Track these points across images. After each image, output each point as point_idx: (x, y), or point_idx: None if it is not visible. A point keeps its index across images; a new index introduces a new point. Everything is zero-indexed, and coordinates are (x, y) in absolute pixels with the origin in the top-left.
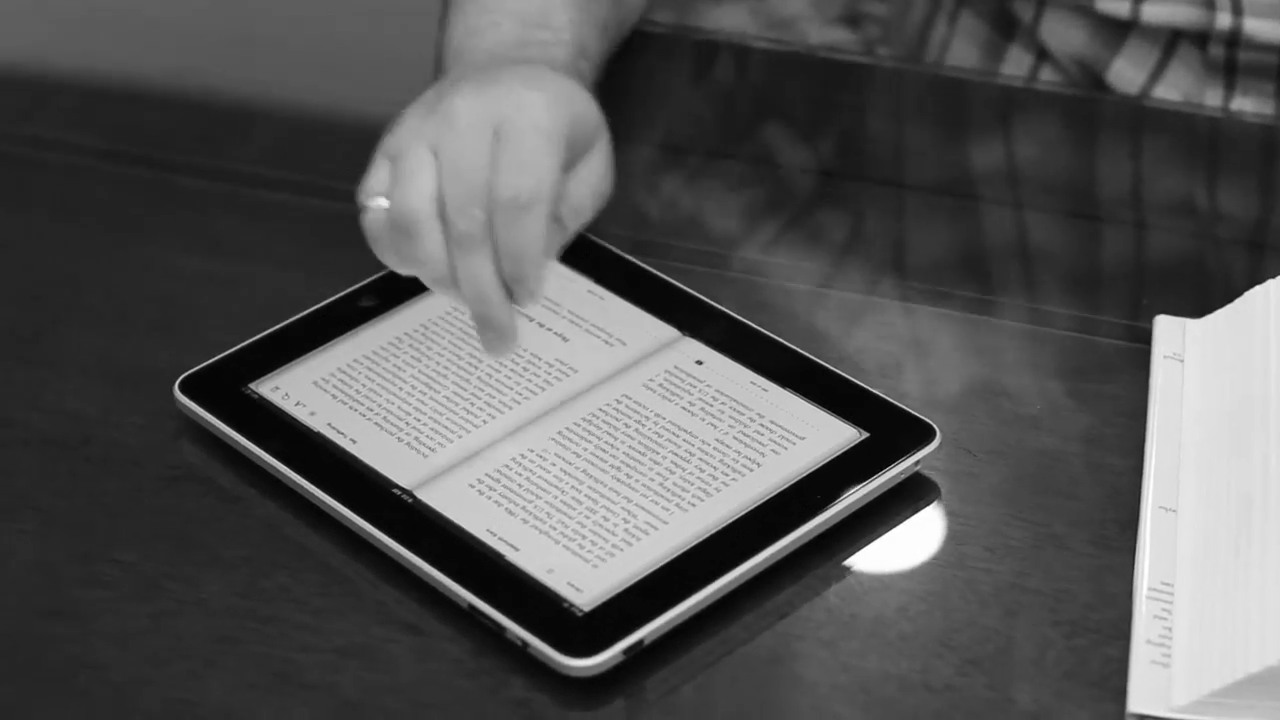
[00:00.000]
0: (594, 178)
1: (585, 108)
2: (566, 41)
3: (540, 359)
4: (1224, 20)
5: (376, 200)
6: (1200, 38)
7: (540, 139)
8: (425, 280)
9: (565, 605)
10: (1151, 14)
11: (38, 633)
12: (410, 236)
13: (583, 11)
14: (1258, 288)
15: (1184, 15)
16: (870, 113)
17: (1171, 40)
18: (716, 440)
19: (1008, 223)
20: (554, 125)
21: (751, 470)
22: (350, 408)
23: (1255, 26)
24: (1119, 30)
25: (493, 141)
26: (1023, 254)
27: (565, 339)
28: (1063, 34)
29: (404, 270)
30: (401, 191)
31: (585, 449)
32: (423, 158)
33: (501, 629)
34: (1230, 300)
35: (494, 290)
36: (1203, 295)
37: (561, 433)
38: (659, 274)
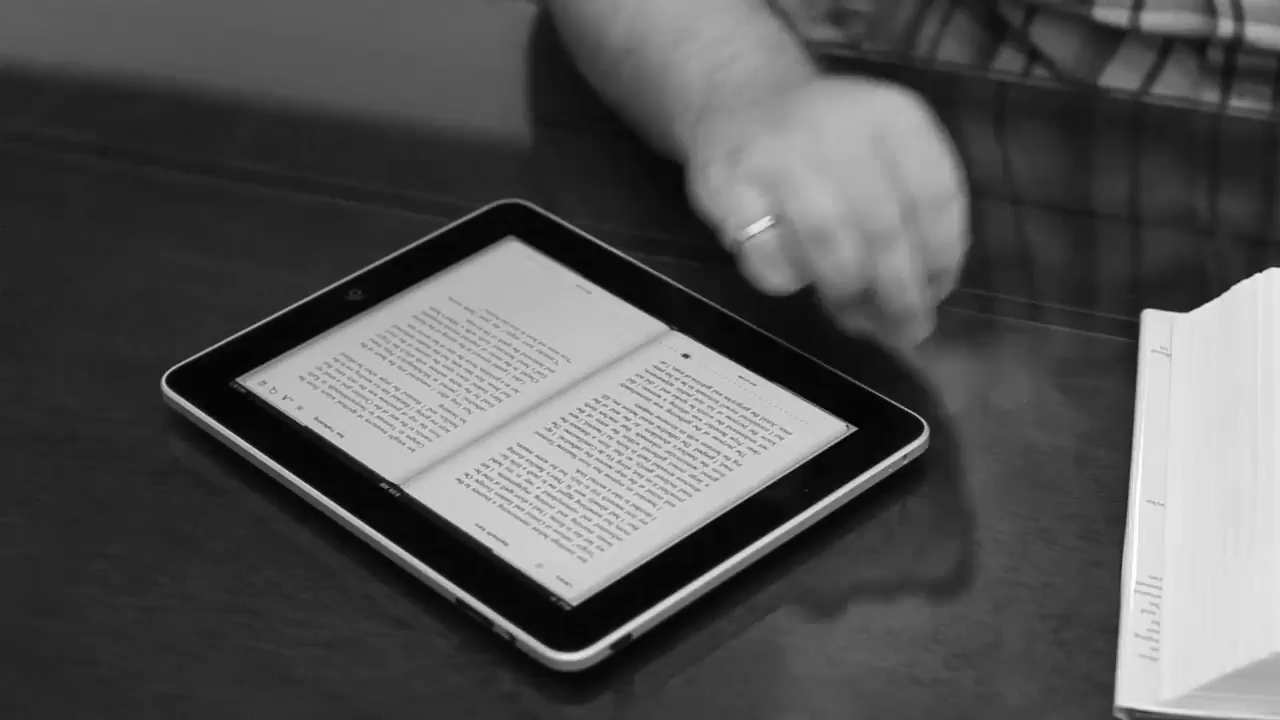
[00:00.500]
0: None
1: None
2: (806, 61)
3: (527, 353)
4: (1226, 27)
5: (759, 224)
6: (1197, 42)
7: (932, 135)
8: (829, 290)
9: (553, 599)
10: (1151, 22)
11: (26, 627)
12: (825, 244)
13: (797, 32)
14: (1245, 281)
15: (1185, 23)
16: None
17: (1167, 45)
18: (704, 434)
19: (998, 218)
20: (929, 121)
21: (739, 464)
22: (338, 402)
23: (1257, 33)
24: (1113, 36)
25: (877, 144)
26: (1013, 249)
27: (552, 333)
28: (1054, 39)
29: (794, 287)
30: (805, 202)
31: (573, 443)
32: (809, 169)
33: (489, 623)
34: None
35: (917, 281)
36: (1193, 291)
37: (549, 427)
38: (646, 268)
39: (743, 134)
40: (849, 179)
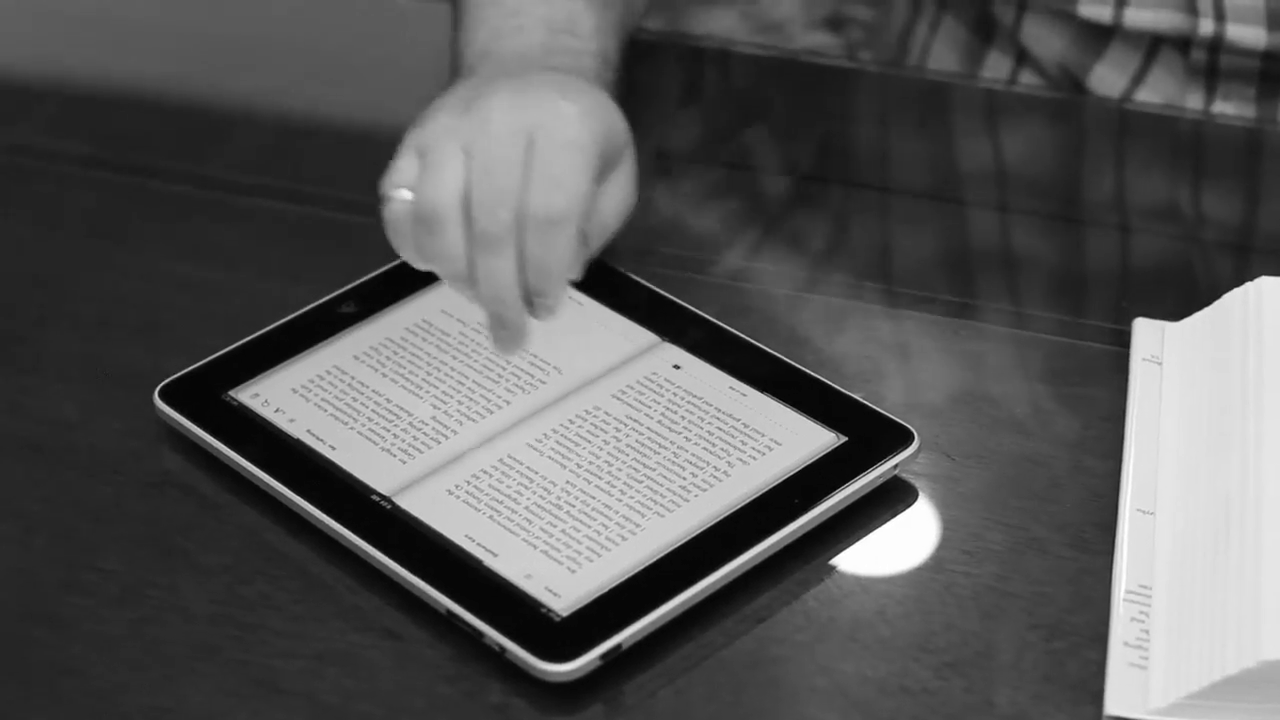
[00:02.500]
0: (620, 194)
1: (616, 122)
2: (593, 51)
3: (518, 365)
4: (1207, 26)
5: (400, 192)
6: (1182, 43)
7: (575, 154)
8: (442, 275)
9: (543, 610)
10: (1134, 20)
11: (18, 638)
12: (433, 231)
13: (604, 18)
14: (1236, 290)
15: (1167, 21)
16: (853, 117)
17: (1153, 45)
18: (694, 445)
19: (989, 226)
20: (589, 141)
21: (729, 475)
22: (330, 414)
23: (1237, 33)
24: (1100, 35)
25: (526, 149)
26: (1003, 257)
27: (542, 345)
28: (1044, 39)
29: (420, 265)
30: (429, 184)
31: (563, 455)
32: (453, 154)
33: (479, 634)
34: (1210, 303)
35: (512, 293)
36: (1184, 298)
37: (540, 439)
38: (639, 279)
39: (440, 105)
40: (479, 175)
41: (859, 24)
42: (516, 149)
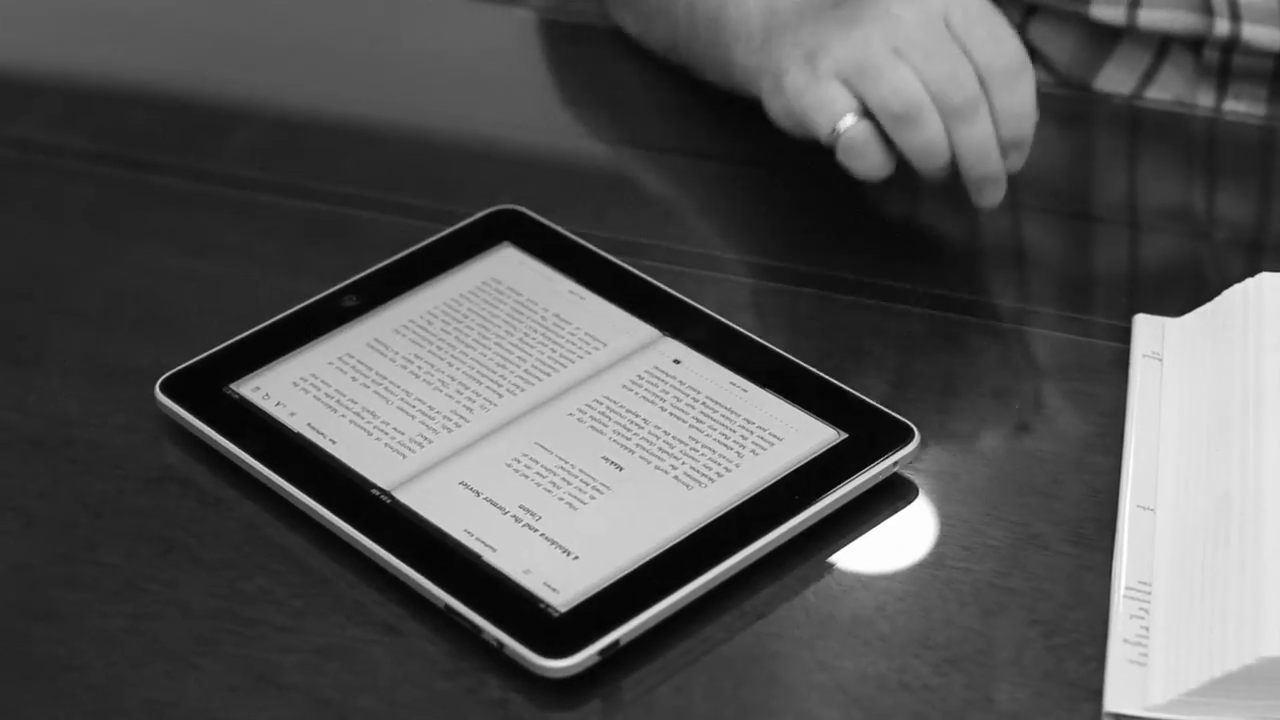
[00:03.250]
0: None
1: None
2: None
3: (520, 360)
4: (1222, 27)
5: (848, 118)
6: (1193, 42)
7: (998, 13)
8: (921, 164)
9: (541, 606)
10: (1148, 20)
11: (18, 633)
12: (917, 123)
13: None
14: (1236, 286)
15: (1181, 21)
16: None
17: (1163, 45)
18: (694, 440)
19: (995, 222)
20: (991, 3)
21: (730, 470)
22: (330, 408)
23: (1253, 33)
24: (1111, 35)
25: (947, 29)
26: (1009, 253)
27: (545, 339)
28: (1052, 38)
29: (883, 173)
30: (893, 86)
31: (561, 450)
32: (889, 56)
33: (478, 630)
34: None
35: (995, 148)
36: (1186, 295)
37: (540, 434)
38: (640, 274)
39: (816, 37)
40: (926, 61)
41: None
42: (941, 29)
